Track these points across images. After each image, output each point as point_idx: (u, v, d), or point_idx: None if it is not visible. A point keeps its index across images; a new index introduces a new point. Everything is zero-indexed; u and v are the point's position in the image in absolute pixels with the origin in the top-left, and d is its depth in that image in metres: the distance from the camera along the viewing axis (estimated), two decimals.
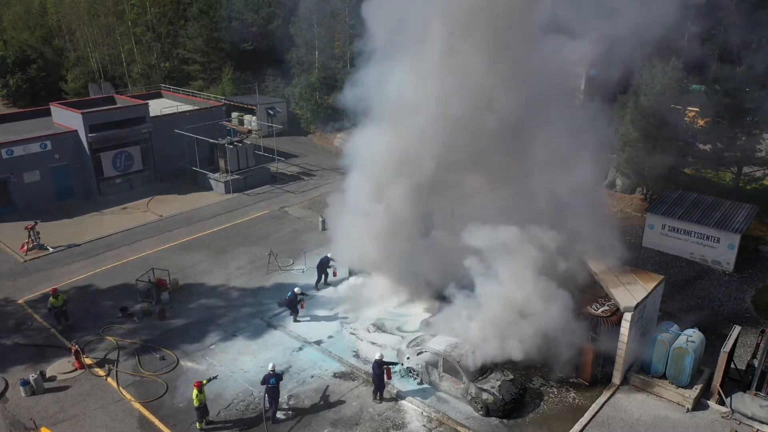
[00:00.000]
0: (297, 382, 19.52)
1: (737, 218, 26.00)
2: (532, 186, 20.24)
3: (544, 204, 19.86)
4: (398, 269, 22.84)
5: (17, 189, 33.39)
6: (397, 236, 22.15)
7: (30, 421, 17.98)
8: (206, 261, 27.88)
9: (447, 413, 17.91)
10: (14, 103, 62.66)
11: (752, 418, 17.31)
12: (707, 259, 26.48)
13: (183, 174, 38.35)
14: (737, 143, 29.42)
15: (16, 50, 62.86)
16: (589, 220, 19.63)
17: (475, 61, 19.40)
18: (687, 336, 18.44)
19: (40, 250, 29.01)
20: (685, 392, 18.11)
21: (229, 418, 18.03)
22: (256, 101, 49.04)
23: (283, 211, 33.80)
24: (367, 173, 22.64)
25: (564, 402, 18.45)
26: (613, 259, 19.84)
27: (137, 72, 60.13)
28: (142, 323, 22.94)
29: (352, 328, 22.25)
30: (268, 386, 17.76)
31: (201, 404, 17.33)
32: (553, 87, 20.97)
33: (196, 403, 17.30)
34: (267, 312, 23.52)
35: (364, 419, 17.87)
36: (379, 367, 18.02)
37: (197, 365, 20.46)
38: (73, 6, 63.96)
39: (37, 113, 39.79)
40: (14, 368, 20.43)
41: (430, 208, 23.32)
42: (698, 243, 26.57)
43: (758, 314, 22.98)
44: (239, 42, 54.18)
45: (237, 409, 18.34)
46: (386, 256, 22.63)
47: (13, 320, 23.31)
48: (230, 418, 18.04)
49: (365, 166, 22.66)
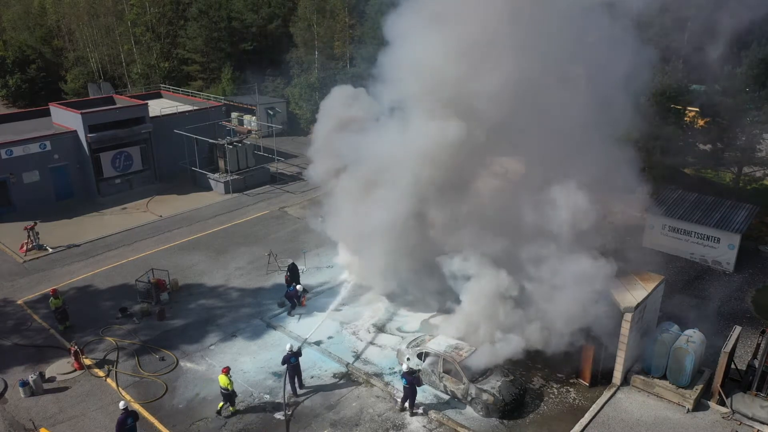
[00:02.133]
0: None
1: (737, 218, 25.98)
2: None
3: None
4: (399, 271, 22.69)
5: (17, 189, 33.35)
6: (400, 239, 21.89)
7: (29, 422, 17.93)
8: (206, 261, 27.85)
9: (447, 414, 17.88)
10: (14, 104, 62.68)
11: (753, 419, 17.28)
12: (707, 260, 26.46)
13: (183, 174, 38.32)
14: (737, 143, 29.42)
15: (15, 50, 62.85)
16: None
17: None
18: (687, 336, 18.42)
19: (39, 251, 28.97)
20: (685, 393, 18.08)
21: (228, 418, 17.96)
22: (255, 101, 49.02)
23: (282, 212, 33.77)
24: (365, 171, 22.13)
25: (564, 402, 18.42)
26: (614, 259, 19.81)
27: (137, 72, 60.11)
28: (141, 324, 22.90)
29: (352, 329, 22.23)
30: (290, 364, 18.27)
31: (227, 389, 17.69)
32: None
33: (229, 388, 17.67)
34: (266, 312, 23.48)
35: (364, 420, 17.83)
36: (410, 374, 17.58)
37: (197, 366, 20.43)
38: (72, 6, 63.98)
39: (36, 113, 39.77)
40: (13, 369, 20.38)
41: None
42: (698, 243, 26.55)
43: (759, 314, 22.96)
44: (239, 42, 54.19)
45: (237, 410, 18.28)
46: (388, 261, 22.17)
47: (12, 321, 23.26)
48: (229, 418, 17.96)
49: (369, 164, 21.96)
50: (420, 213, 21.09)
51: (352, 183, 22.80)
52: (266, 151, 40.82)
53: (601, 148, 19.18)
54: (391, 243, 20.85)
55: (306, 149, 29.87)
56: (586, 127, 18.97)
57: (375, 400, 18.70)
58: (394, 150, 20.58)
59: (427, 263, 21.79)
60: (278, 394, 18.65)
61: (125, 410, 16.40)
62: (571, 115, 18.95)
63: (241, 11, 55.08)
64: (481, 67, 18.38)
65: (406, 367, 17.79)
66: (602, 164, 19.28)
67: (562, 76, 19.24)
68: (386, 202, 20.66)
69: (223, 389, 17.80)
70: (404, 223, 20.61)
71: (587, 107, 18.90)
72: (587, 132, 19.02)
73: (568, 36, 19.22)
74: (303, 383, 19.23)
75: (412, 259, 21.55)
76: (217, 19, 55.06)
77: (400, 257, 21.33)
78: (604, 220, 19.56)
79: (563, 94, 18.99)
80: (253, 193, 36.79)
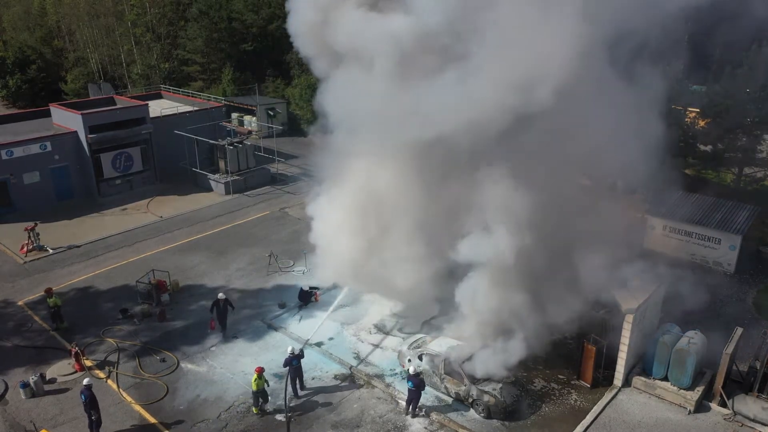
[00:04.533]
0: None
1: (738, 219, 25.96)
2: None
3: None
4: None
5: (17, 190, 33.31)
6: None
7: (30, 423, 17.90)
8: (206, 262, 27.83)
9: (448, 415, 17.87)
10: (14, 104, 62.68)
11: (754, 420, 17.27)
12: (708, 260, 26.44)
13: (183, 175, 38.27)
14: (738, 144, 29.41)
15: (15, 51, 62.84)
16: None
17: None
18: (689, 337, 18.42)
19: (39, 251, 28.94)
20: (686, 394, 18.07)
21: (229, 420, 17.97)
22: (256, 102, 49.00)
23: (283, 212, 33.75)
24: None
25: (565, 404, 18.42)
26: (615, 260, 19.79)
27: (137, 73, 60.08)
28: (142, 325, 22.88)
29: (353, 330, 22.21)
30: (291, 367, 18.30)
31: (259, 389, 17.92)
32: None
33: (254, 388, 17.87)
34: (267, 314, 23.47)
35: (366, 421, 17.82)
36: (416, 377, 17.53)
37: (198, 367, 20.41)
38: (72, 6, 63.92)
39: (36, 114, 39.66)
40: (14, 370, 20.35)
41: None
42: (699, 244, 26.53)
43: (760, 315, 22.95)
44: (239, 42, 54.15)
45: (238, 411, 18.28)
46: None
47: (12, 322, 23.23)
48: (230, 419, 17.97)
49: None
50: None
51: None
52: (267, 151, 40.79)
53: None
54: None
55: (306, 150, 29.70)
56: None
57: (376, 401, 18.69)
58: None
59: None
60: (279, 396, 18.62)
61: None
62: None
63: (241, 12, 55.01)
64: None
65: (412, 369, 17.76)
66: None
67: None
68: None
69: (255, 392, 17.99)
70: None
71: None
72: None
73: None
74: (304, 385, 19.25)
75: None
76: (217, 20, 54.99)
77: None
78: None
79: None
80: (254, 193, 36.77)
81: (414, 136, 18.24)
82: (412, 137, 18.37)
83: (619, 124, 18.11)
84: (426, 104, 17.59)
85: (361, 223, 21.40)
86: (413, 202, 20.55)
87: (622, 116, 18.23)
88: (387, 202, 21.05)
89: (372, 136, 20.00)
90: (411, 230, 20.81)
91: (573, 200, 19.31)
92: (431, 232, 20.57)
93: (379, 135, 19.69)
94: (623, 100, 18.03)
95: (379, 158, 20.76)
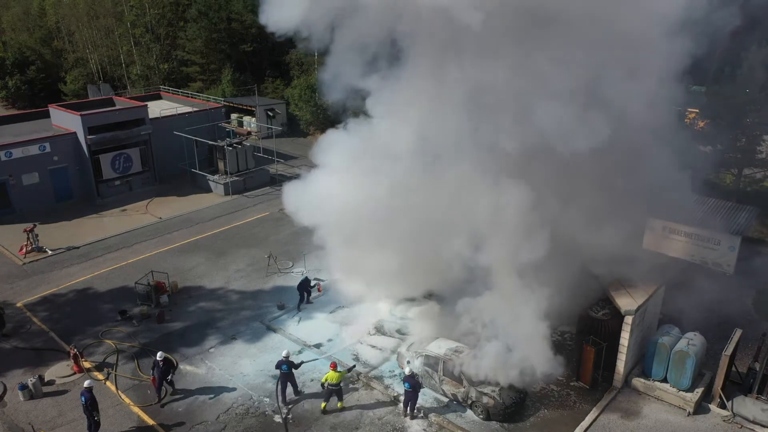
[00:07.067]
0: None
1: (738, 220, 25.88)
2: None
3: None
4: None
5: (16, 191, 33.30)
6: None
7: (28, 425, 17.88)
8: (205, 263, 27.81)
9: (447, 417, 17.84)
10: (13, 105, 62.70)
11: (754, 422, 17.25)
12: (708, 261, 26.35)
13: (182, 176, 38.29)
14: (737, 145, 29.36)
15: (15, 52, 62.90)
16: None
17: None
18: (688, 339, 18.41)
19: (38, 253, 28.92)
20: (686, 396, 18.05)
21: (228, 421, 17.94)
22: (255, 103, 49.00)
23: (282, 213, 33.62)
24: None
25: (565, 405, 18.39)
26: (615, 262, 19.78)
27: (136, 73, 60.11)
28: (141, 326, 22.85)
29: (352, 331, 22.15)
30: (281, 371, 18.25)
31: (337, 385, 17.97)
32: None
33: (334, 381, 17.92)
34: (266, 315, 23.44)
35: (364, 423, 17.79)
36: (412, 377, 17.54)
37: (196, 369, 20.38)
38: (72, 7, 63.97)
39: (35, 115, 39.69)
40: (12, 372, 20.33)
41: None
42: (698, 245, 26.44)
43: (759, 317, 22.90)
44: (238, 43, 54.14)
45: (236, 413, 18.24)
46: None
47: (11, 324, 23.18)
48: (229, 421, 17.95)
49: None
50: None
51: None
52: (266, 152, 40.77)
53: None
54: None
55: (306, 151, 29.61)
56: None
57: (375, 403, 18.67)
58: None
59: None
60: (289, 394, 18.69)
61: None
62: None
63: (240, 12, 54.99)
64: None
65: (408, 370, 17.75)
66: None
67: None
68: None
69: (333, 385, 17.95)
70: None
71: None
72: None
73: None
74: (299, 390, 18.98)
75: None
76: (216, 21, 55.01)
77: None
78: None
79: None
80: (253, 194, 36.76)
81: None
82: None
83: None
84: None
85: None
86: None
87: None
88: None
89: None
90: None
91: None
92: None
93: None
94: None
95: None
